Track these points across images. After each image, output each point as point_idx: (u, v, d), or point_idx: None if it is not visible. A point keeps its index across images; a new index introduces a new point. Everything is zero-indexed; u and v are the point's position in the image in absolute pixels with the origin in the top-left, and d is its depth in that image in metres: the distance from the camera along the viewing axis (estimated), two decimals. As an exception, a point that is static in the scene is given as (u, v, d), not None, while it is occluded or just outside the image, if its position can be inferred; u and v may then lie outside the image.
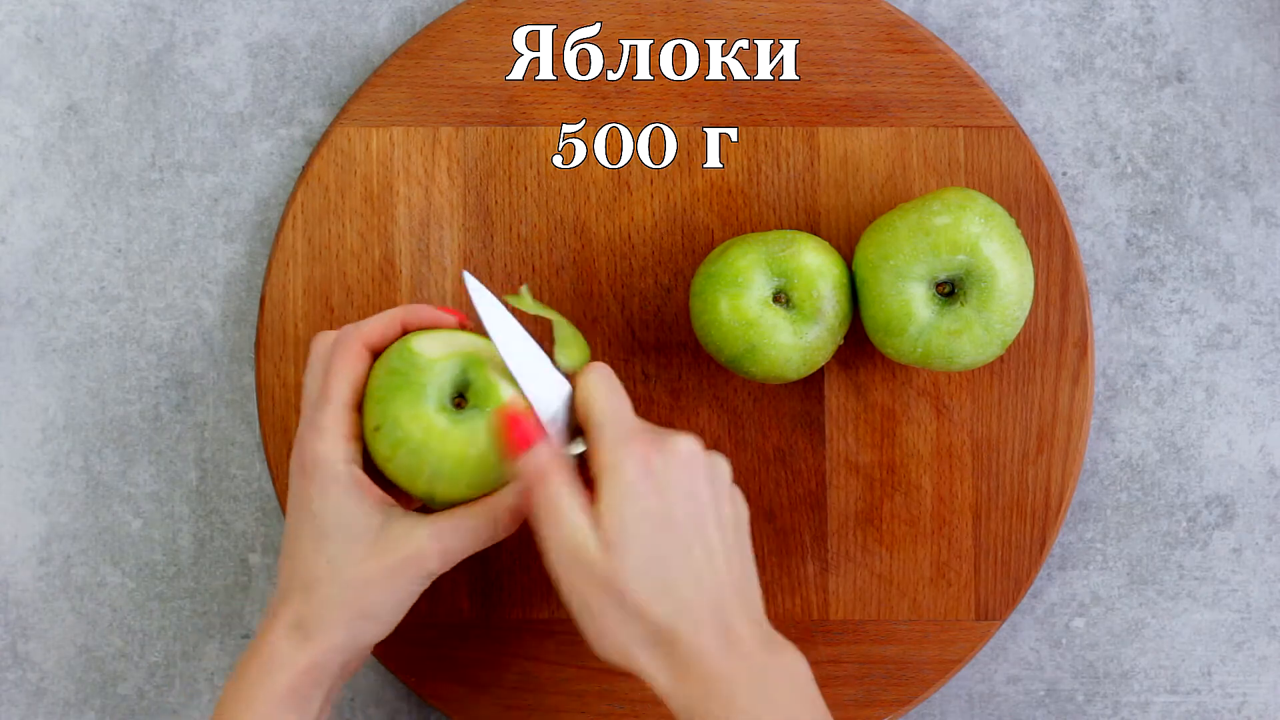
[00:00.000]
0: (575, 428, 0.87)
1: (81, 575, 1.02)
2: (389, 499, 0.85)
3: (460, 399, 0.86)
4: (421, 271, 1.00)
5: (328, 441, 0.84)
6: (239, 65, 1.02)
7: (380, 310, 0.99)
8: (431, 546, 0.84)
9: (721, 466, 0.86)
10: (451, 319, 0.89)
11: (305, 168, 1.00)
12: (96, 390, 1.02)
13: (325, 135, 1.00)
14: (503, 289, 1.00)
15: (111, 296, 1.02)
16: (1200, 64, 1.02)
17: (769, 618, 1.00)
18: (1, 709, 1.01)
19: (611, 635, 0.82)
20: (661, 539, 0.81)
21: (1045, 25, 1.02)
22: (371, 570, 0.84)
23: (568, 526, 0.82)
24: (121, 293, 1.02)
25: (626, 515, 0.81)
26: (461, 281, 1.00)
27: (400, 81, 1.00)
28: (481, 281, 0.99)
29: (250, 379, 1.02)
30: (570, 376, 0.87)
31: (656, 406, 1.00)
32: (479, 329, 0.89)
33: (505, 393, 0.85)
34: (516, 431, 0.83)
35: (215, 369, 1.02)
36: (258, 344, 1.00)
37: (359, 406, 0.86)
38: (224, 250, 1.02)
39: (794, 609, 1.00)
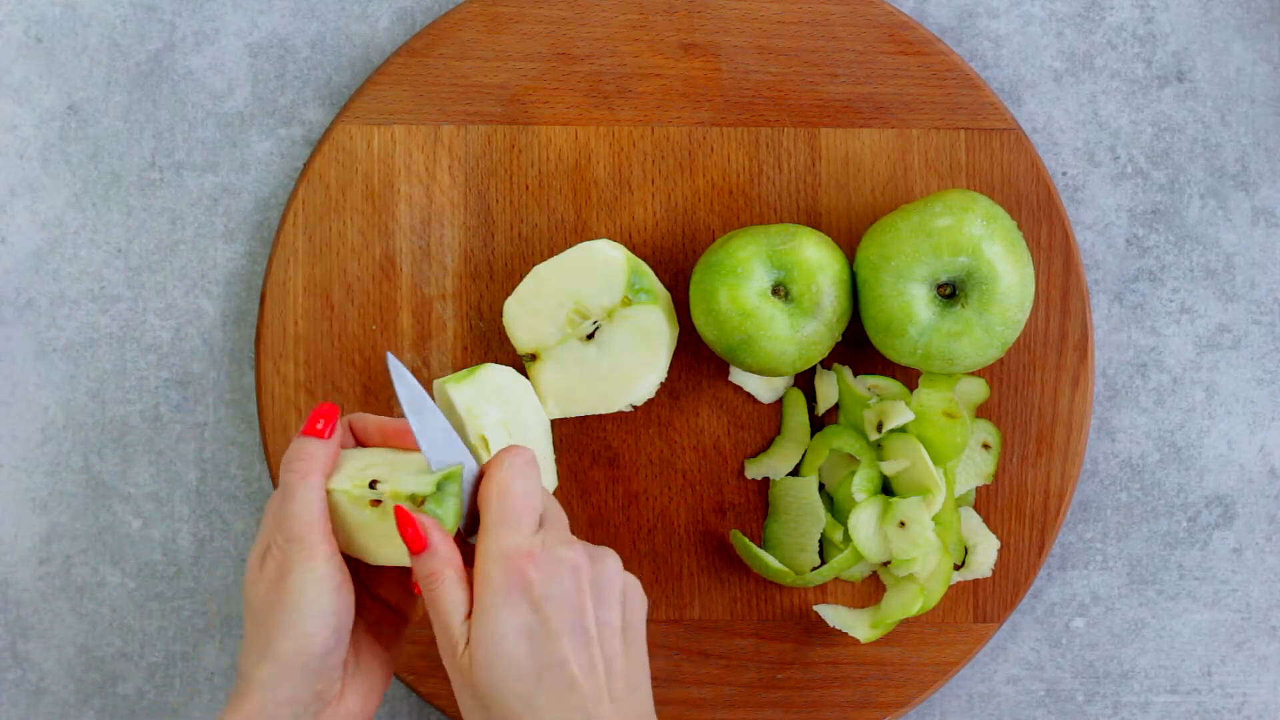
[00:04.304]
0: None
1: (81, 575, 1.02)
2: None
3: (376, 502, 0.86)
4: (422, 270, 1.00)
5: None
6: (239, 65, 1.02)
7: (381, 310, 0.99)
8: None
9: (610, 569, 0.83)
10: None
11: (306, 165, 1.00)
12: (96, 390, 1.02)
13: (327, 133, 1.00)
14: (503, 288, 1.00)
15: (111, 296, 1.02)
16: (1200, 64, 1.02)
17: (769, 617, 1.00)
18: (1, 709, 1.01)
19: None
20: (530, 653, 0.80)
21: (1045, 25, 1.02)
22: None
23: (445, 630, 0.81)
24: (121, 293, 1.02)
25: (493, 629, 0.80)
26: (460, 279, 1.00)
27: (402, 80, 1.00)
28: (481, 280, 1.00)
29: (250, 379, 1.02)
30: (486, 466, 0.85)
31: (656, 406, 1.00)
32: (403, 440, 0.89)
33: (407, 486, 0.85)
34: (409, 530, 0.82)
35: (215, 369, 1.02)
36: (258, 341, 1.00)
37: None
38: (224, 250, 1.02)
39: (792, 609, 1.00)
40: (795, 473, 1.00)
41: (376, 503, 0.83)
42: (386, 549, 0.84)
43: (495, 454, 0.84)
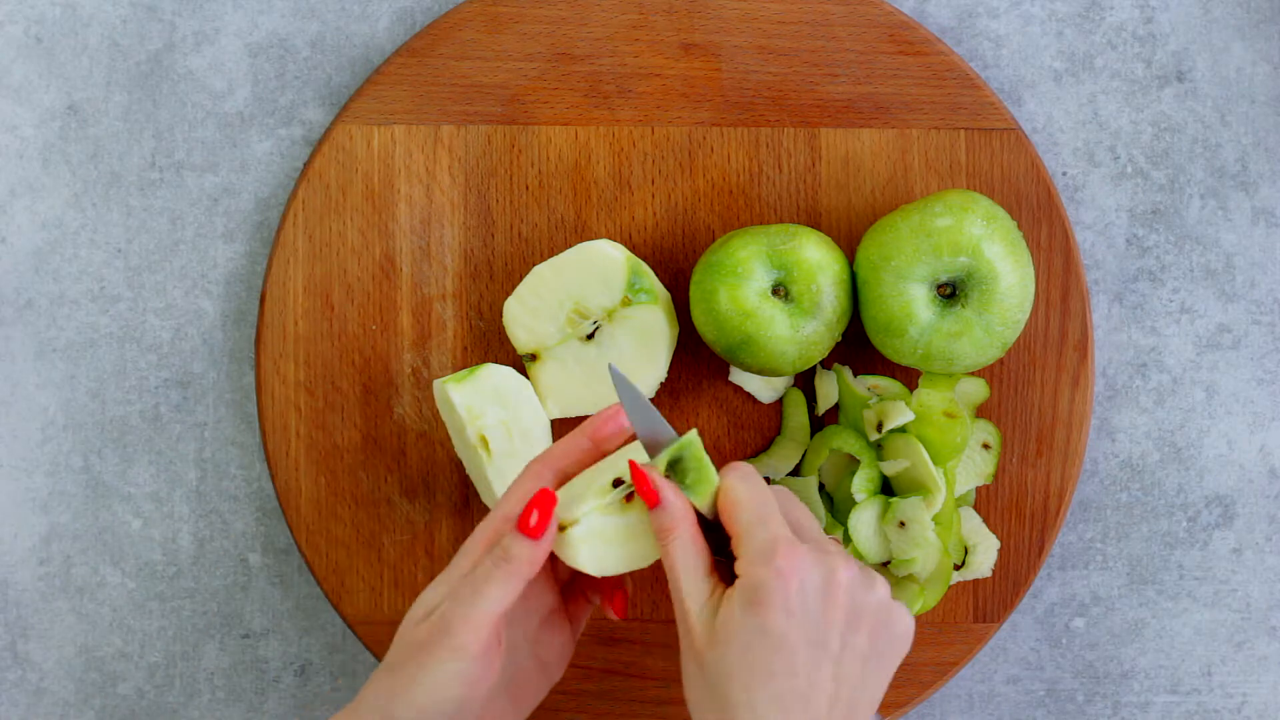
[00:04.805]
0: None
1: (81, 575, 1.02)
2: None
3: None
4: (422, 269, 1.00)
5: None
6: (239, 65, 1.02)
7: (381, 310, 0.99)
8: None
9: (874, 593, 0.82)
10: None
11: (306, 165, 1.00)
12: (96, 390, 1.02)
13: (327, 133, 1.00)
14: (502, 288, 1.00)
15: (111, 296, 1.02)
16: (1200, 64, 1.02)
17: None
18: (1, 709, 1.01)
19: (695, 709, 0.81)
20: (768, 657, 0.80)
21: (1045, 25, 1.02)
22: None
23: (676, 587, 0.82)
24: (121, 293, 1.02)
25: (745, 625, 0.80)
26: (460, 279, 1.00)
27: (402, 80, 1.00)
28: (481, 280, 1.00)
29: (250, 379, 1.02)
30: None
31: (657, 407, 1.00)
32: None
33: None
34: (644, 486, 0.82)
35: (215, 369, 1.02)
36: (258, 340, 1.00)
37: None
38: (224, 250, 1.02)
39: (794, 609, 1.00)
40: (795, 473, 1.00)
41: (630, 497, 0.84)
42: (645, 546, 0.85)
43: (725, 469, 0.84)
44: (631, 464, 0.82)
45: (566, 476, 0.86)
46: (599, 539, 0.84)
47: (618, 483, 0.84)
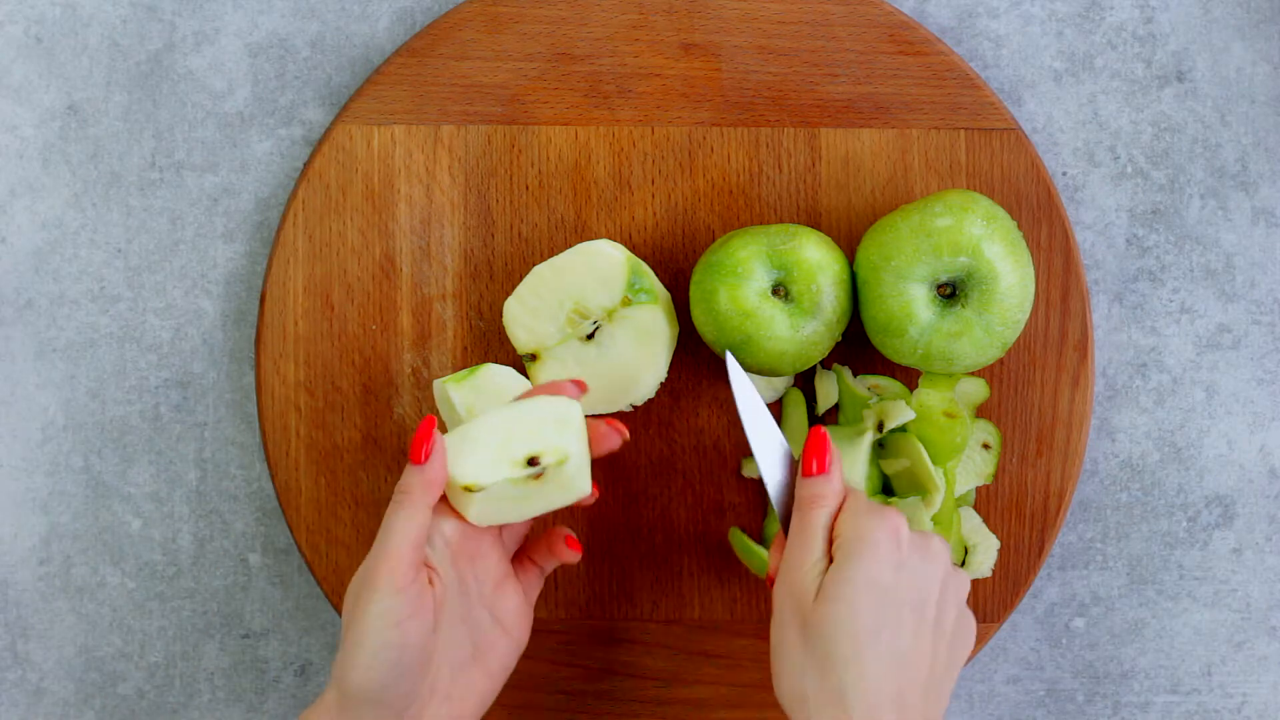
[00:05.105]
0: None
1: (81, 575, 1.02)
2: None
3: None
4: (422, 269, 1.00)
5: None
6: (239, 65, 1.02)
7: (381, 310, 0.99)
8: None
9: (962, 579, 0.85)
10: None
11: (306, 165, 1.00)
12: (96, 390, 1.02)
13: (327, 133, 1.00)
14: (502, 288, 1.00)
15: (111, 296, 1.02)
16: (1200, 64, 1.02)
17: (769, 617, 1.00)
18: (1, 709, 1.01)
19: (790, 678, 0.82)
20: (876, 611, 0.81)
21: (1045, 25, 1.02)
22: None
23: (811, 546, 0.83)
24: (121, 293, 1.02)
25: (855, 577, 0.81)
26: (460, 279, 1.00)
27: (402, 79, 1.00)
28: (481, 280, 1.00)
29: (250, 379, 1.02)
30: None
31: (657, 407, 1.00)
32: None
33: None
34: (817, 452, 0.85)
35: (215, 369, 1.02)
36: (258, 340, 1.00)
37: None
38: (224, 250, 1.02)
39: (794, 609, 1.00)
40: None
41: (539, 476, 0.86)
42: (538, 504, 0.88)
43: (810, 433, 0.87)
44: (817, 430, 0.86)
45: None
46: (492, 500, 0.87)
47: (533, 461, 0.85)
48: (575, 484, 0.87)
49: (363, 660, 0.82)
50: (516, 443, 0.87)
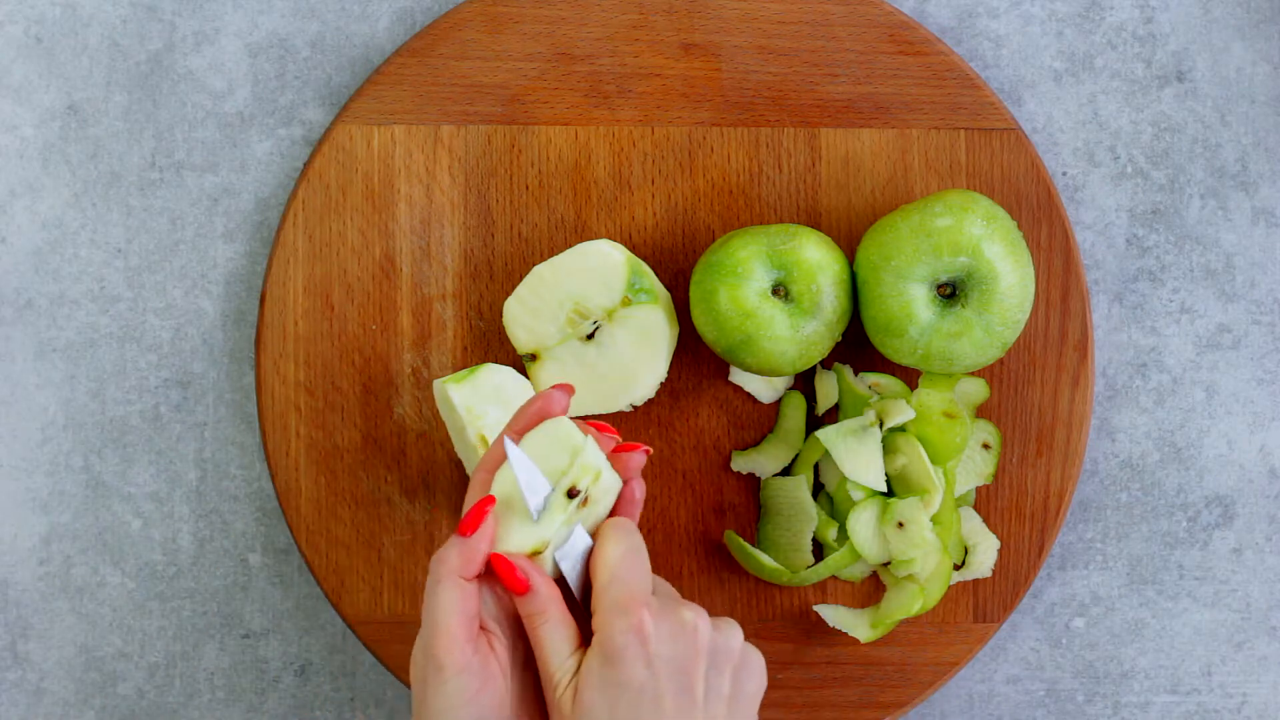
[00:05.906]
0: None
1: (81, 575, 1.02)
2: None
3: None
4: (422, 269, 1.00)
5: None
6: (239, 65, 1.02)
7: (381, 310, 0.99)
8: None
9: (729, 638, 0.83)
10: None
11: (306, 165, 1.00)
12: (96, 390, 1.02)
13: (327, 133, 1.00)
14: (502, 288, 1.00)
15: (111, 296, 1.02)
16: (1200, 64, 1.02)
17: (769, 617, 1.00)
18: (1, 709, 1.01)
19: None
20: (633, 707, 0.80)
21: (1045, 25, 1.02)
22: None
23: (546, 666, 0.81)
24: (121, 293, 1.02)
25: (602, 680, 0.80)
26: (460, 279, 1.00)
27: (402, 79, 1.00)
28: (481, 280, 1.00)
29: (250, 379, 1.02)
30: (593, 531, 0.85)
31: (656, 406, 1.00)
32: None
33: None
34: (510, 576, 0.82)
35: (215, 369, 1.02)
36: (258, 341, 1.00)
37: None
38: (224, 250, 1.02)
39: (792, 609, 1.00)
40: (786, 472, 1.00)
41: (585, 502, 0.83)
42: (591, 516, 0.85)
43: (601, 528, 0.84)
44: (494, 557, 0.82)
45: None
46: (556, 544, 0.84)
47: (572, 493, 0.83)
48: (610, 482, 0.85)
49: None
50: (543, 487, 0.84)
